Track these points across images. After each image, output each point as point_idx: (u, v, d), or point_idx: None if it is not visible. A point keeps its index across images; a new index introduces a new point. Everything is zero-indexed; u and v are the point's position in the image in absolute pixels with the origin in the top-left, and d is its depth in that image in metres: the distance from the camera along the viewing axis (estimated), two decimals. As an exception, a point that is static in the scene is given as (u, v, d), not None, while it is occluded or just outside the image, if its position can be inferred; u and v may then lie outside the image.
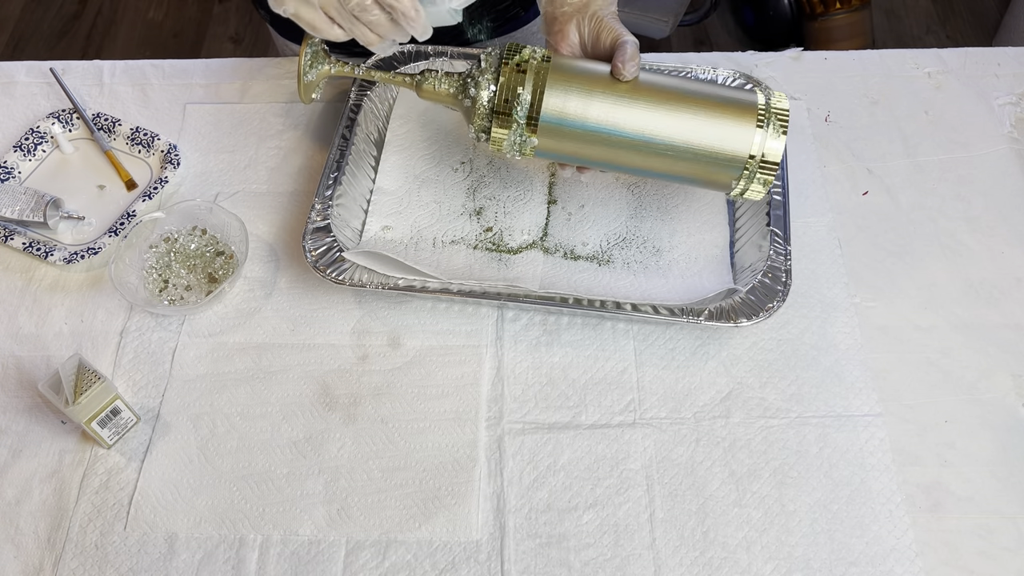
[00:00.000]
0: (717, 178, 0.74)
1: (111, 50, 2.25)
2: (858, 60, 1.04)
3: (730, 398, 0.78)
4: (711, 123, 0.72)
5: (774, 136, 0.72)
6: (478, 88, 0.72)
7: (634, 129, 0.72)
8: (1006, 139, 0.96)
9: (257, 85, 1.01)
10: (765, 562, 0.70)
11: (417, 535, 0.71)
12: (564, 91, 0.72)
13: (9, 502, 0.74)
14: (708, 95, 0.73)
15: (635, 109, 0.72)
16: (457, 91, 0.75)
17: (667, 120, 0.72)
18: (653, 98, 0.72)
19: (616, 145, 0.73)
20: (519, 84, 0.71)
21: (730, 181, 0.74)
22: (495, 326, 0.82)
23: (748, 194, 0.75)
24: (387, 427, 0.77)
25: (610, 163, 0.76)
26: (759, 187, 0.74)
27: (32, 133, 0.95)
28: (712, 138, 0.72)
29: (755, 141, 0.72)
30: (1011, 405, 0.78)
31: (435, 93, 0.76)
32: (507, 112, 0.72)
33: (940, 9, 2.29)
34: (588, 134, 0.73)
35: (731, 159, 0.73)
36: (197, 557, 0.71)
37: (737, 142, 0.72)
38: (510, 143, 0.74)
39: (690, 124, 0.72)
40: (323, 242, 0.82)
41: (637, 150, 0.73)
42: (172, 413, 0.78)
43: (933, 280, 0.85)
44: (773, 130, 0.72)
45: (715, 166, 0.73)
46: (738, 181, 0.74)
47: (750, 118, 0.72)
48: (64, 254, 0.85)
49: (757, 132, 0.72)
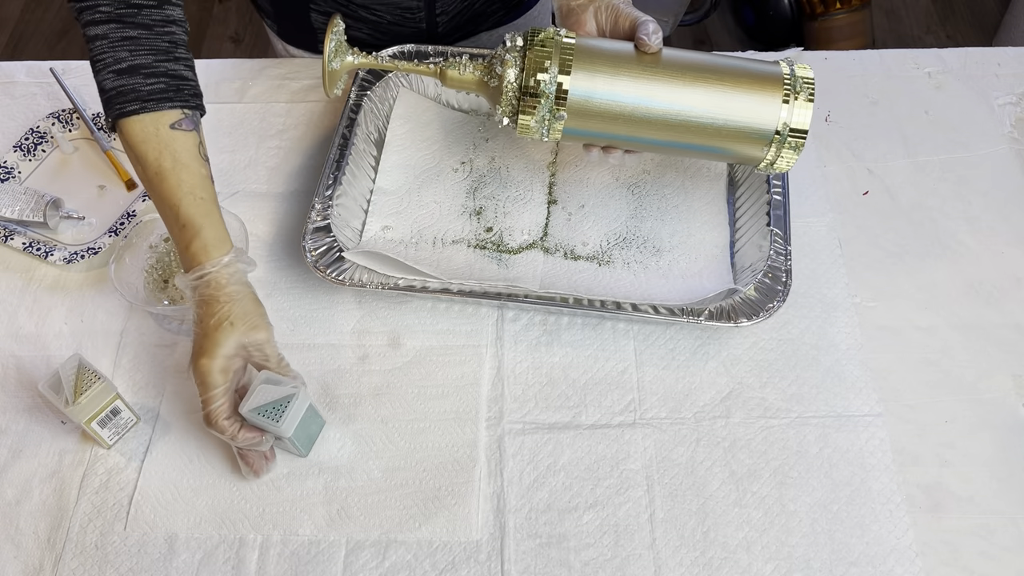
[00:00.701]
0: (746, 149, 0.75)
1: (111, 50, 2.25)
2: (858, 60, 1.04)
3: (730, 398, 0.78)
4: (739, 94, 0.72)
5: (802, 105, 0.72)
6: (504, 68, 0.72)
7: (662, 102, 0.72)
8: (1006, 139, 0.96)
9: (257, 85, 1.01)
10: (765, 562, 0.70)
11: (417, 535, 0.71)
12: (591, 66, 0.72)
13: (9, 502, 0.74)
14: (734, 67, 0.73)
15: (662, 81, 0.72)
16: (483, 74, 0.75)
17: (694, 92, 0.72)
18: (679, 71, 0.73)
19: (644, 119, 0.73)
20: (546, 60, 0.71)
21: (760, 152, 0.75)
22: (495, 326, 0.82)
23: (778, 164, 0.75)
24: (387, 427, 0.77)
25: (638, 138, 0.75)
26: (790, 154, 0.74)
27: (32, 133, 0.95)
28: (741, 109, 0.73)
29: (783, 110, 0.72)
30: (1011, 405, 0.78)
31: (460, 78, 0.76)
32: (535, 91, 0.72)
33: (940, 9, 2.29)
34: (616, 109, 0.73)
35: (760, 130, 0.73)
36: (197, 557, 0.71)
37: (766, 112, 0.73)
38: (539, 122, 0.74)
39: (718, 95, 0.72)
40: (323, 242, 0.82)
41: (666, 124, 0.73)
42: (172, 413, 0.78)
43: (933, 280, 0.85)
44: (801, 99, 0.72)
45: (744, 137, 0.74)
46: (768, 150, 0.74)
47: (777, 88, 0.72)
48: (64, 254, 0.85)
49: (784, 104, 0.72)
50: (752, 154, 0.75)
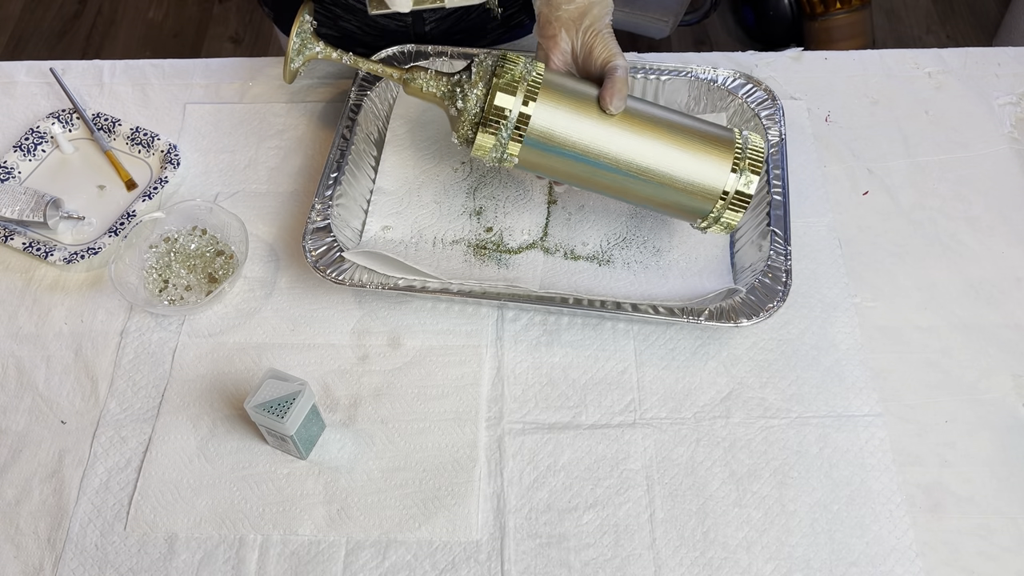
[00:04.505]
0: (691, 207, 0.76)
1: (111, 50, 2.25)
2: (858, 60, 1.04)
3: (730, 398, 0.78)
4: (692, 153, 0.74)
5: (749, 173, 0.74)
6: (467, 97, 0.73)
7: (616, 155, 0.74)
8: (1006, 139, 0.96)
9: (257, 85, 1.01)
10: (765, 562, 0.70)
11: (417, 535, 0.71)
12: (552, 112, 0.72)
13: (9, 502, 0.74)
14: (691, 127, 0.75)
15: (619, 138, 0.73)
16: (445, 95, 0.74)
17: (651, 145, 0.74)
18: (639, 123, 0.74)
19: (596, 168, 0.74)
20: (509, 97, 0.71)
21: (702, 213, 0.76)
22: (495, 326, 0.82)
23: (722, 221, 0.76)
24: (387, 427, 0.77)
25: (587, 184, 0.77)
26: (733, 215, 0.75)
27: (32, 133, 0.95)
28: (692, 168, 0.74)
29: (729, 178, 0.74)
30: (1011, 405, 0.78)
31: (422, 92, 0.76)
32: (494, 124, 0.72)
33: (940, 9, 2.29)
34: (570, 155, 0.74)
35: (707, 189, 0.74)
36: (197, 557, 0.71)
37: (715, 174, 0.74)
38: (492, 154, 0.74)
39: (672, 151, 0.74)
40: (323, 242, 0.82)
41: (617, 174, 0.74)
42: (172, 413, 0.78)
43: (933, 280, 0.85)
44: (748, 167, 0.74)
45: (691, 195, 0.75)
46: (708, 215, 0.76)
47: (728, 153, 0.74)
48: (64, 254, 0.85)
49: (732, 172, 0.74)
50: (696, 211, 0.76)
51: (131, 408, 0.78)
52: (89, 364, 0.81)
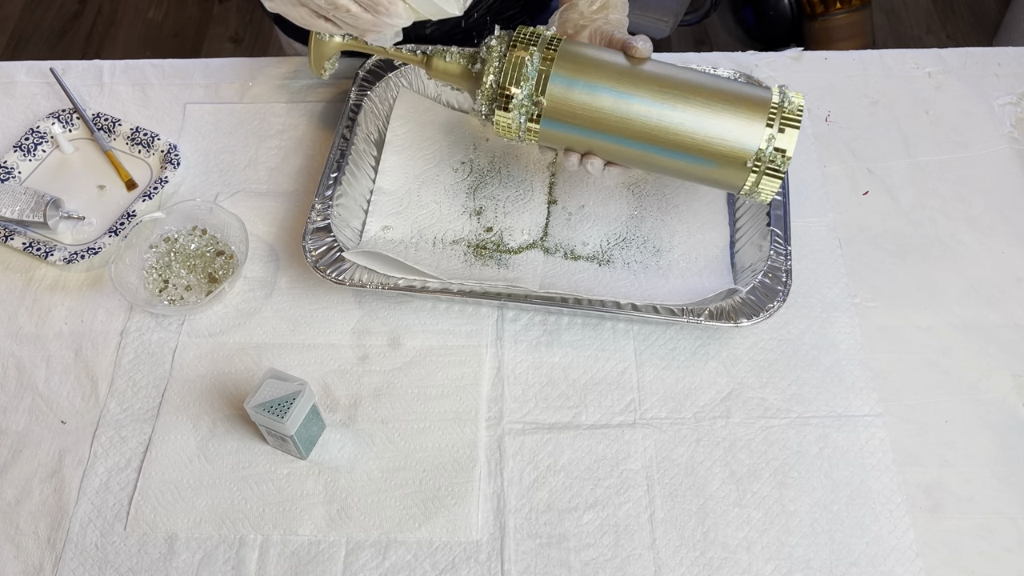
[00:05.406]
0: (726, 170, 0.72)
1: (111, 50, 2.25)
2: (858, 60, 1.04)
3: (730, 398, 0.78)
4: (723, 109, 0.70)
5: (788, 131, 0.70)
6: (488, 61, 0.73)
7: (642, 105, 0.71)
8: (1006, 139, 0.96)
9: (257, 85, 1.01)
10: (765, 562, 0.70)
11: (417, 535, 0.71)
12: (574, 62, 0.72)
13: (9, 502, 0.74)
14: (722, 84, 0.72)
15: (645, 86, 0.71)
16: (468, 62, 0.75)
17: (677, 101, 0.71)
18: (665, 78, 0.72)
19: (622, 123, 0.71)
20: (531, 49, 0.71)
21: (740, 175, 0.72)
22: (495, 326, 0.82)
23: (761, 190, 0.72)
24: (387, 427, 0.77)
25: (615, 141, 0.73)
26: (771, 182, 0.71)
27: (32, 133, 0.95)
28: (722, 124, 0.70)
29: (764, 135, 0.70)
30: (1011, 405, 0.78)
31: (446, 67, 0.76)
32: (517, 78, 0.71)
33: (940, 9, 2.29)
34: (594, 108, 0.71)
35: (740, 149, 0.70)
36: (197, 557, 0.71)
37: (748, 131, 0.70)
38: (517, 112, 0.73)
39: (700, 107, 0.70)
40: (323, 242, 0.82)
41: (644, 131, 0.71)
42: (172, 413, 0.78)
43: (933, 280, 0.85)
44: (787, 124, 0.70)
45: (723, 155, 0.71)
46: (748, 175, 0.71)
47: (762, 110, 0.70)
48: (64, 254, 0.85)
49: (767, 127, 0.70)
50: (731, 176, 0.72)
51: (131, 408, 0.78)
52: (89, 364, 0.81)
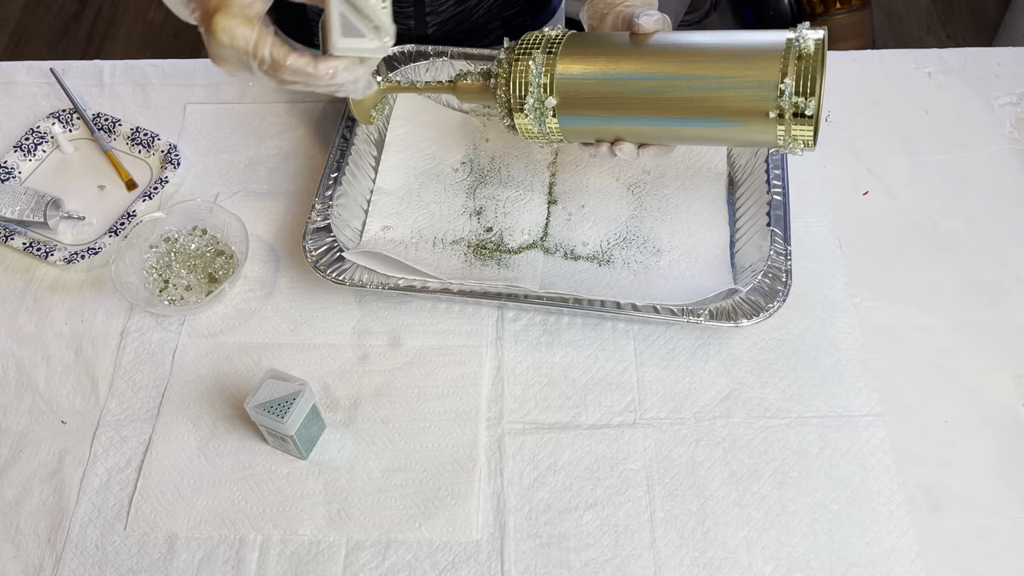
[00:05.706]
0: (751, 122, 0.68)
1: (111, 50, 2.25)
2: (858, 60, 1.04)
3: (730, 398, 0.78)
4: (733, 55, 0.67)
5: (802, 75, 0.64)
6: (499, 75, 0.74)
7: (651, 74, 0.70)
8: (1006, 139, 0.96)
9: (257, 85, 1.01)
10: (765, 562, 0.70)
11: (417, 535, 0.71)
12: (578, 50, 0.72)
13: (9, 502, 0.74)
14: (731, 41, 0.69)
15: (651, 56, 0.70)
16: (484, 79, 0.76)
17: (685, 61, 0.69)
18: (667, 50, 0.71)
19: (635, 97, 0.70)
20: (534, 48, 0.73)
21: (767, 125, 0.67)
22: (495, 326, 0.82)
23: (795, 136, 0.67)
24: (387, 427, 0.77)
25: (634, 120, 0.72)
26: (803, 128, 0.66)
27: (32, 133, 0.95)
28: (733, 70, 0.67)
29: (774, 82, 0.65)
30: (1011, 405, 0.78)
31: (467, 88, 0.78)
32: (524, 88, 0.72)
33: (940, 9, 2.29)
34: (605, 89, 0.71)
35: (754, 104, 0.66)
36: (197, 557, 0.71)
37: (757, 85, 0.66)
38: (533, 114, 0.73)
39: (710, 60, 0.68)
40: (323, 242, 0.82)
41: (657, 99, 0.70)
42: (172, 413, 0.78)
43: (933, 280, 0.85)
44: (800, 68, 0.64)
45: (744, 104, 0.67)
46: (775, 128, 0.67)
47: (778, 46, 0.66)
48: (64, 254, 0.85)
49: (779, 75, 0.65)
50: (760, 132, 0.68)
51: (131, 408, 0.78)
52: (89, 364, 0.81)
